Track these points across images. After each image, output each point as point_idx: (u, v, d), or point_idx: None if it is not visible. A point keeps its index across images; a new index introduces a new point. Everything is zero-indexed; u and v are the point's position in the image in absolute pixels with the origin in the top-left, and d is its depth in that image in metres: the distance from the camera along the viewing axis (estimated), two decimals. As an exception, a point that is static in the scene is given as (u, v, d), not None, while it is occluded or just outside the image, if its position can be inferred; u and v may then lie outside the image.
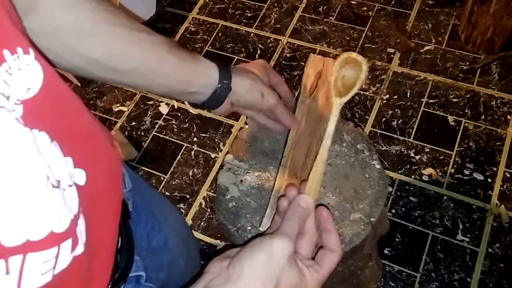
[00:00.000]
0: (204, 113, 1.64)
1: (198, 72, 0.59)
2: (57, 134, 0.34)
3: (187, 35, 1.84)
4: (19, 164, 0.29)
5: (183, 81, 0.58)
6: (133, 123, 1.65)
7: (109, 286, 0.46)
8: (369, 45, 1.73)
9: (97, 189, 0.40)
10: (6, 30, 0.32)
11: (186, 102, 1.68)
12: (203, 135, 1.60)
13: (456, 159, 1.46)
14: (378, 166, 0.86)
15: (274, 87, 0.71)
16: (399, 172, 1.45)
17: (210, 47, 1.80)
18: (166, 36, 0.59)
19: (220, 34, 1.84)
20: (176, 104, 1.68)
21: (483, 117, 1.53)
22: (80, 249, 0.35)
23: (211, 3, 1.93)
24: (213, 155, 1.55)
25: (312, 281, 0.49)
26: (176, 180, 1.52)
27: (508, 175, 1.41)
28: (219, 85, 0.60)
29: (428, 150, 1.48)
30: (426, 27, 1.75)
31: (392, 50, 1.71)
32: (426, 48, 1.70)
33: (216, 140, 1.58)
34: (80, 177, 0.37)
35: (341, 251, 0.54)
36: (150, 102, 1.69)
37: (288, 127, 0.75)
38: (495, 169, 1.43)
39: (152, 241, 0.63)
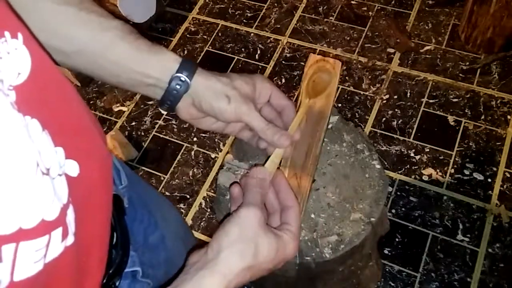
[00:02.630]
0: (204, 113, 1.64)
1: (155, 63, 0.53)
2: (49, 122, 0.34)
3: (187, 35, 1.84)
4: (10, 149, 0.29)
5: (135, 71, 0.53)
6: (133, 123, 1.65)
7: (104, 281, 0.46)
8: (369, 45, 1.73)
9: (89, 182, 0.39)
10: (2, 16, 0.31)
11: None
12: (203, 135, 1.60)
13: (456, 159, 1.46)
14: (378, 166, 0.86)
15: (273, 105, 0.62)
16: (399, 172, 1.45)
17: (210, 47, 1.80)
18: (135, 28, 0.55)
19: (220, 34, 1.84)
20: (176, 104, 1.68)
21: (483, 117, 1.53)
22: (70, 239, 0.35)
23: (211, 3, 1.93)
24: (213, 155, 1.55)
25: (291, 239, 0.50)
26: (176, 180, 1.52)
27: (508, 175, 1.41)
28: (175, 75, 0.53)
29: (428, 150, 1.48)
30: (426, 27, 1.75)
31: (392, 50, 1.71)
32: (426, 48, 1.70)
33: (216, 140, 1.58)
34: (73, 168, 0.37)
35: (299, 205, 0.57)
36: (150, 102, 1.69)
37: (277, 147, 0.62)
38: (495, 169, 1.43)
39: (149, 237, 0.63)
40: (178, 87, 0.53)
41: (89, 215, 0.39)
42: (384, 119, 1.56)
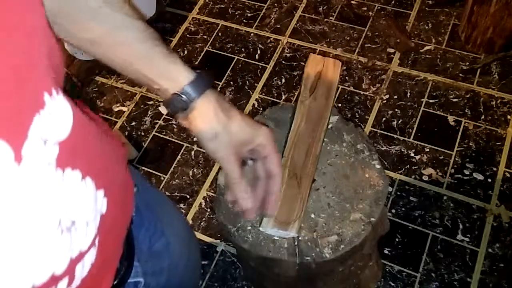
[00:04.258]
0: (204, 113, 1.64)
1: (164, 74, 0.53)
2: (89, 170, 0.35)
3: (187, 35, 1.84)
4: (33, 211, 0.30)
5: (143, 75, 0.53)
6: (133, 123, 1.65)
7: None
8: (369, 45, 1.73)
9: (113, 215, 0.40)
10: (45, 71, 0.31)
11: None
12: (203, 135, 1.60)
13: (456, 159, 1.46)
14: (378, 166, 0.86)
15: (264, 164, 0.60)
16: (399, 172, 1.45)
17: (210, 47, 1.80)
18: (163, 36, 0.56)
19: (220, 34, 1.84)
20: (176, 104, 1.68)
21: (483, 117, 1.53)
22: (76, 283, 0.36)
23: (211, 3, 1.93)
24: (213, 155, 1.55)
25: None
26: (176, 180, 1.52)
27: (508, 175, 1.41)
28: (178, 94, 0.52)
29: (428, 150, 1.48)
30: (426, 27, 1.75)
31: (392, 50, 1.71)
32: (426, 48, 1.70)
33: (216, 140, 1.58)
34: (104, 206, 0.38)
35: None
36: (150, 102, 1.70)
37: (240, 206, 0.60)
38: (495, 169, 1.43)
39: (154, 245, 0.62)
40: (178, 104, 0.53)
41: (108, 246, 0.40)
42: (384, 119, 1.56)
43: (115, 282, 0.48)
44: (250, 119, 0.56)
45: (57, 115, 0.32)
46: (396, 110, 1.57)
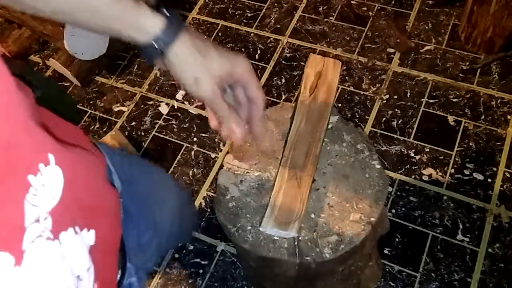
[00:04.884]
0: (204, 113, 1.64)
1: (133, 24, 0.50)
2: (80, 217, 0.36)
3: (187, 35, 1.84)
4: (41, 286, 0.31)
5: (112, 28, 0.51)
6: (133, 123, 1.65)
7: None
8: (369, 45, 1.73)
9: (104, 241, 0.41)
10: (27, 153, 0.31)
11: (186, 102, 1.68)
12: (203, 135, 1.60)
13: (456, 159, 1.46)
14: (378, 166, 0.86)
15: (246, 92, 0.59)
16: (399, 172, 1.45)
17: (210, 47, 1.80)
18: None
19: (220, 34, 1.83)
20: (176, 104, 1.68)
21: (483, 117, 1.53)
22: None
23: (211, 3, 1.93)
24: (213, 155, 1.55)
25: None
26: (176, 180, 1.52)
27: (508, 175, 1.41)
28: (153, 42, 0.51)
29: (428, 150, 1.48)
30: (426, 27, 1.75)
31: (392, 50, 1.71)
32: (426, 48, 1.70)
33: (216, 140, 1.58)
34: (90, 237, 0.38)
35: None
36: (150, 102, 1.70)
37: (233, 135, 0.60)
38: (495, 169, 1.43)
39: (141, 238, 0.63)
40: (153, 54, 0.52)
41: (106, 267, 0.41)
42: (384, 119, 1.56)
43: None
44: (225, 50, 0.55)
45: (45, 188, 0.32)
46: (396, 110, 1.57)
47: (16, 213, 0.29)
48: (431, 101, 1.58)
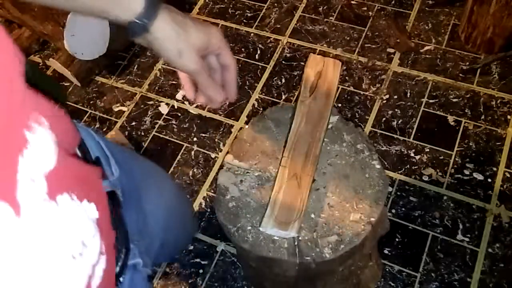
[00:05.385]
0: (204, 113, 1.64)
1: (116, 2, 0.53)
2: (74, 186, 0.36)
3: (187, 35, 1.84)
4: (41, 249, 0.31)
5: (96, 7, 0.53)
6: (133, 123, 1.65)
7: None
8: (369, 45, 1.73)
9: (102, 215, 0.41)
10: (25, 109, 0.32)
11: (186, 102, 1.68)
12: (203, 135, 1.60)
13: (456, 159, 1.46)
14: (378, 166, 0.86)
15: (219, 60, 0.64)
16: (399, 172, 1.45)
17: (210, 47, 1.80)
18: None
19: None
20: (176, 104, 1.68)
21: (483, 117, 1.53)
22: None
23: (211, 3, 1.93)
24: (213, 155, 1.55)
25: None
26: (176, 180, 1.52)
27: (508, 175, 1.41)
28: (136, 21, 0.53)
29: (428, 150, 1.48)
30: (426, 27, 1.75)
31: (392, 50, 1.71)
32: (426, 48, 1.70)
33: (216, 140, 1.58)
34: (93, 210, 0.38)
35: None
36: (150, 102, 1.70)
37: (213, 101, 0.64)
38: (495, 169, 1.43)
39: (142, 223, 0.63)
40: (137, 29, 0.54)
41: (109, 246, 0.41)
42: (384, 119, 1.56)
43: (118, 269, 0.49)
44: (200, 22, 0.59)
45: (40, 148, 0.32)
46: (396, 110, 1.57)
47: (10, 165, 0.29)
48: (431, 101, 1.58)
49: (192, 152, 1.57)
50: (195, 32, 0.57)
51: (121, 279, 0.50)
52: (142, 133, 1.63)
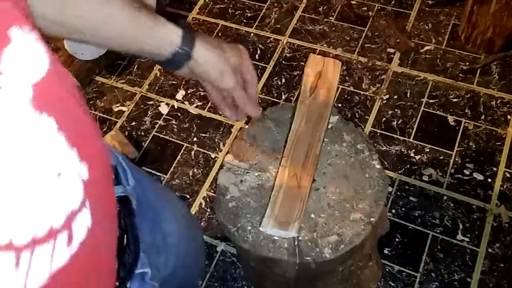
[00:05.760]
0: (204, 113, 1.64)
1: (157, 36, 0.57)
2: (64, 122, 0.33)
3: (187, 35, 1.84)
4: (24, 151, 0.29)
5: (137, 41, 0.56)
6: (133, 123, 1.65)
7: (117, 284, 0.46)
8: (369, 45, 1.73)
9: (98, 185, 0.39)
10: (12, 6, 0.30)
11: (186, 102, 1.68)
12: (203, 135, 1.60)
13: (456, 159, 1.46)
14: (378, 166, 0.86)
15: (242, 76, 0.68)
16: (399, 172, 1.45)
17: (210, 47, 1.80)
18: None
19: (220, 34, 1.84)
20: (176, 104, 1.68)
21: (483, 117, 1.53)
22: (76, 243, 0.35)
23: (211, 3, 1.93)
24: (213, 155, 1.55)
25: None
26: (176, 180, 1.52)
27: (508, 175, 1.41)
28: (179, 51, 0.58)
29: (428, 150, 1.48)
30: (426, 27, 1.75)
31: (392, 50, 1.71)
32: (426, 48, 1.70)
33: (216, 140, 1.58)
34: (84, 171, 0.37)
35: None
36: (150, 102, 1.70)
37: (247, 114, 0.70)
38: (495, 169, 1.43)
39: (156, 238, 0.63)
40: (182, 60, 0.58)
41: (100, 218, 0.39)
42: (384, 119, 1.56)
43: (124, 273, 0.48)
44: (227, 42, 0.64)
45: (28, 53, 0.31)
46: (396, 110, 1.57)
47: None
48: (431, 101, 1.58)
49: (192, 152, 1.57)
50: (230, 52, 0.62)
51: (128, 284, 0.49)
52: (142, 133, 1.63)
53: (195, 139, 1.59)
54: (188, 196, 1.49)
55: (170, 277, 0.68)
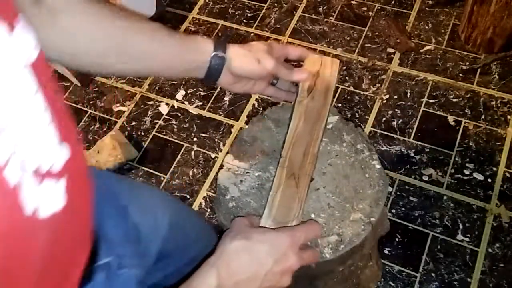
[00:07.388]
0: (204, 113, 1.64)
1: (196, 50, 0.65)
2: (48, 102, 0.35)
3: (187, 35, 1.84)
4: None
5: (185, 60, 0.65)
6: (133, 123, 1.65)
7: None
8: (369, 45, 1.73)
9: (79, 164, 0.40)
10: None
11: (186, 102, 1.68)
12: (203, 135, 1.60)
13: (456, 159, 1.46)
14: (378, 166, 0.86)
15: (277, 55, 0.73)
16: (399, 172, 1.45)
17: (210, 47, 1.80)
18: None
19: (220, 34, 1.84)
20: (176, 104, 1.68)
21: (483, 117, 1.53)
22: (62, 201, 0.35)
23: (211, 3, 1.93)
24: (213, 155, 1.55)
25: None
26: (176, 180, 1.52)
27: (508, 175, 1.41)
28: (213, 54, 0.65)
29: (428, 150, 1.48)
30: (426, 27, 1.75)
31: (392, 50, 1.71)
32: (426, 48, 1.70)
33: (216, 140, 1.58)
34: (66, 149, 0.38)
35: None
36: (150, 102, 1.70)
37: (298, 81, 0.79)
38: (495, 169, 1.43)
39: (123, 229, 0.62)
40: (218, 62, 0.66)
41: (75, 201, 0.39)
42: (384, 119, 1.56)
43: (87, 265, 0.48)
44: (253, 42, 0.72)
45: (23, 34, 0.32)
46: (396, 110, 1.57)
47: None
48: (431, 101, 1.58)
49: (192, 152, 1.57)
50: (257, 44, 0.70)
51: (91, 276, 0.49)
52: (142, 133, 1.63)
53: (195, 139, 1.59)
54: (188, 196, 1.49)
55: (169, 258, 0.72)
